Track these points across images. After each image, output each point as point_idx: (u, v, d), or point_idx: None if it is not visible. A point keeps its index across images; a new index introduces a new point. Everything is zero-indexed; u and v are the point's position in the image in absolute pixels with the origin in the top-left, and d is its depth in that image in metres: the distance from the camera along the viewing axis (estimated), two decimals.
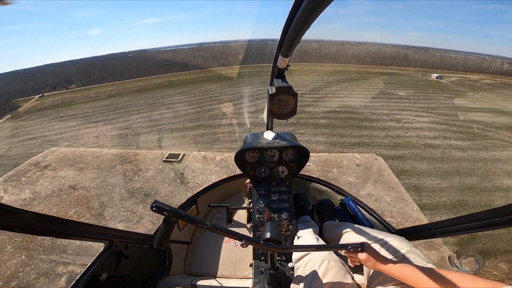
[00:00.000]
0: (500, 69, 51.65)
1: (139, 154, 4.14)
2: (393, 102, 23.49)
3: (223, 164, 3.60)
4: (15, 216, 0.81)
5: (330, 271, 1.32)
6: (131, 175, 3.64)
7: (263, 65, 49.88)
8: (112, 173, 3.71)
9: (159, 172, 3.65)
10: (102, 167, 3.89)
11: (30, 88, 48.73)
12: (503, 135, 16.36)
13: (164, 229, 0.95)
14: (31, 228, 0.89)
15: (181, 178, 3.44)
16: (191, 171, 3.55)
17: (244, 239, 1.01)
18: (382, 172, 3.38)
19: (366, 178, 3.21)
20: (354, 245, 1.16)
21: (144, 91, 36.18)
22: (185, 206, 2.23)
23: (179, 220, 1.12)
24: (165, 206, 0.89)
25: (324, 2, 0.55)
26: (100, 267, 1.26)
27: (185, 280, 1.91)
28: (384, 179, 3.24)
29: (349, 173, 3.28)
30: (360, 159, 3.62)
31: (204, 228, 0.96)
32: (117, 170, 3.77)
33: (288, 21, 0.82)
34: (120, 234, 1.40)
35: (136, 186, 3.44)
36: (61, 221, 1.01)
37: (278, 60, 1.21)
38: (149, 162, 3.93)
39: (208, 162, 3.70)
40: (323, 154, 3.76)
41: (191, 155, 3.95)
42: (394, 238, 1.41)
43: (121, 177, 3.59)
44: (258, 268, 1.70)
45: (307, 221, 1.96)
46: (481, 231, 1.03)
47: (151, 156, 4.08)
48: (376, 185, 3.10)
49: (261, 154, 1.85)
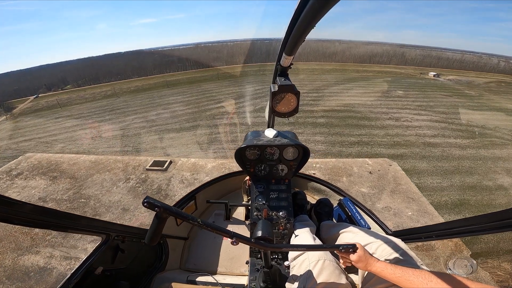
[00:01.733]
0: (497, 67, 51.85)
1: (120, 161, 3.77)
2: (391, 101, 23.41)
3: (215, 172, 3.24)
4: (14, 208, 0.82)
5: (325, 270, 1.33)
6: (109, 186, 3.26)
7: (261, 64, 49.84)
8: (88, 184, 3.35)
9: (141, 183, 3.25)
10: (77, 176, 3.52)
11: (25, 89, 48.20)
12: (502, 133, 16.30)
13: (155, 225, 0.95)
14: (29, 220, 0.90)
15: (166, 190, 3.06)
16: (178, 181, 3.16)
17: (235, 237, 1.01)
18: (399, 180, 3.00)
19: (381, 188, 2.85)
20: (346, 246, 1.18)
21: (140, 91, 35.87)
22: (184, 201, 2.21)
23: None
24: (156, 202, 0.88)
25: (331, 2, 0.54)
26: (96, 261, 1.27)
27: (181, 276, 1.91)
28: (402, 188, 2.86)
29: (361, 183, 2.91)
30: (373, 165, 3.25)
31: (195, 225, 0.98)
32: (94, 179, 3.40)
33: (293, 19, 0.80)
34: (117, 228, 1.39)
35: (113, 199, 3.04)
36: (59, 214, 1.02)
37: (282, 58, 1.20)
38: (130, 170, 3.53)
39: (198, 170, 3.32)
40: (330, 160, 3.39)
41: (179, 162, 3.56)
42: (390, 239, 1.41)
43: (98, 188, 3.23)
44: (254, 265, 1.73)
45: (305, 220, 1.96)
46: (476, 235, 1.04)
47: (133, 164, 3.68)
48: (394, 196, 2.74)
49: (261, 151, 1.84)
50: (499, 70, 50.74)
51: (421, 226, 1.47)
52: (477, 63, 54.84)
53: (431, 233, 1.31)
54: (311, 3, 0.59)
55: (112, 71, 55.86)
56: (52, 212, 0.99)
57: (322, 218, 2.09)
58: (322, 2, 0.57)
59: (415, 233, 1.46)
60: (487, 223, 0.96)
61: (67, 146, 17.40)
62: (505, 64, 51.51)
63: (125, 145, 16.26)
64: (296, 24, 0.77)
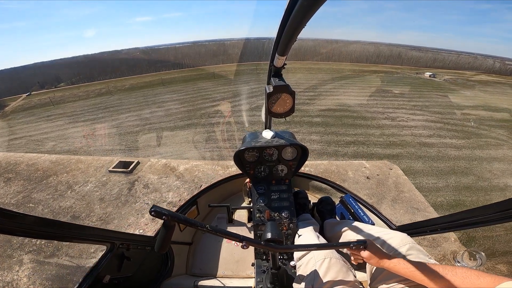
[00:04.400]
0: (492, 68, 52.23)
1: (82, 162, 3.46)
2: (388, 100, 23.36)
3: (187, 176, 2.88)
4: (17, 220, 0.83)
5: (332, 269, 1.30)
6: (64, 190, 2.96)
7: (257, 63, 49.61)
8: (41, 186, 3.05)
9: (101, 187, 2.95)
10: (32, 178, 3.23)
11: (18, 87, 47.39)
12: (497, 133, 16.32)
13: (164, 233, 0.94)
14: (33, 232, 0.90)
15: (127, 196, 2.75)
16: (142, 186, 2.83)
17: (245, 241, 1.00)
18: (401, 186, 2.62)
19: (380, 196, 2.49)
20: (357, 243, 1.16)
21: (135, 89, 35.43)
22: (186, 207, 2.21)
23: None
24: (163, 210, 0.89)
25: (319, 1, 0.55)
26: (102, 269, 1.27)
27: (188, 281, 1.91)
28: (405, 197, 2.49)
29: (357, 190, 2.55)
30: (370, 168, 2.85)
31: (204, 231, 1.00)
32: (49, 182, 3.11)
33: (283, 20, 0.80)
34: (122, 236, 1.39)
35: (64, 204, 2.74)
36: (62, 224, 1.02)
37: (275, 58, 1.20)
38: (91, 172, 3.22)
39: (168, 173, 2.99)
40: (321, 162, 2.98)
41: (147, 164, 3.23)
42: (395, 234, 1.41)
43: (51, 191, 2.94)
44: (260, 267, 1.74)
45: (308, 219, 1.95)
46: (482, 226, 1.02)
47: (96, 164, 3.36)
48: (396, 206, 2.37)
49: (260, 153, 1.84)
50: (494, 70, 51.14)
51: (425, 219, 1.43)
52: (472, 64, 55.24)
53: (436, 226, 1.30)
54: (301, 1, 0.59)
55: (107, 69, 55.16)
56: (55, 223, 0.99)
57: (325, 217, 2.08)
58: (311, 1, 0.56)
59: (419, 227, 1.45)
60: (492, 213, 0.94)
61: (58, 145, 17.07)
62: (500, 64, 51.91)
63: (117, 143, 15.96)
64: (287, 24, 0.77)
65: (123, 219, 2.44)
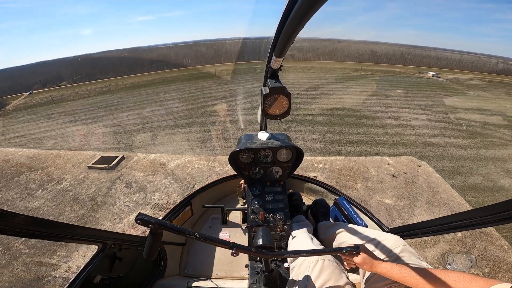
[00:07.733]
0: (495, 68, 51.77)
1: (61, 157, 3.18)
2: (391, 100, 23.12)
3: (179, 173, 2.58)
4: (7, 219, 0.81)
5: (325, 270, 1.31)
6: (35, 188, 2.69)
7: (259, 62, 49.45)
8: (11, 184, 2.79)
9: (76, 185, 2.61)
10: (5, 174, 2.99)
11: (19, 85, 47.50)
12: (502, 133, 16.08)
13: (151, 241, 0.93)
14: (23, 231, 0.89)
15: (105, 196, 2.39)
16: (124, 185, 2.47)
17: (234, 248, 1.00)
18: (435, 186, 2.24)
19: (412, 197, 2.10)
20: (349, 249, 1.16)
21: (136, 88, 35.35)
22: (180, 207, 2.17)
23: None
24: (149, 218, 0.86)
25: (319, 2, 0.54)
26: (94, 270, 1.25)
27: (180, 282, 1.89)
28: (442, 198, 2.14)
29: (383, 190, 2.12)
30: (395, 165, 2.46)
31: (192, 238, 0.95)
32: (20, 179, 2.86)
33: (281, 22, 0.80)
34: (114, 236, 1.36)
35: (32, 205, 2.45)
36: (52, 224, 1.01)
37: (272, 60, 1.20)
38: (69, 168, 2.92)
39: (156, 170, 2.63)
40: (336, 158, 2.61)
41: (134, 159, 2.88)
42: (388, 237, 1.41)
43: (21, 190, 2.68)
44: (253, 268, 1.73)
45: (302, 221, 1.95)
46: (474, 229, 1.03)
47: (75, 160, 3.05)
48: (433, 210, 2.03)
49: (255, 154, 1.84)
50: (497, 70, 50.69)
51: (417, 222, 1.41)
52: (475, 64, 54.77)
53: (428, 228, 1.30)
54: (299, 3, 0.59)
55: (108, 68, 55.13)
56: (46, 222, 0.97)
57: (319, 219, 2.08)
58: (311, 2, 0.56)
59: (412, 229, 1.46)
60: (484, 216, 0.95)
61: (58, 143, 16.97)
62: (504, 65, 51.45)
63: (117, 141, 15.85)
64: (285, 25, 0.77)
65: (96, 224, 2.18)
